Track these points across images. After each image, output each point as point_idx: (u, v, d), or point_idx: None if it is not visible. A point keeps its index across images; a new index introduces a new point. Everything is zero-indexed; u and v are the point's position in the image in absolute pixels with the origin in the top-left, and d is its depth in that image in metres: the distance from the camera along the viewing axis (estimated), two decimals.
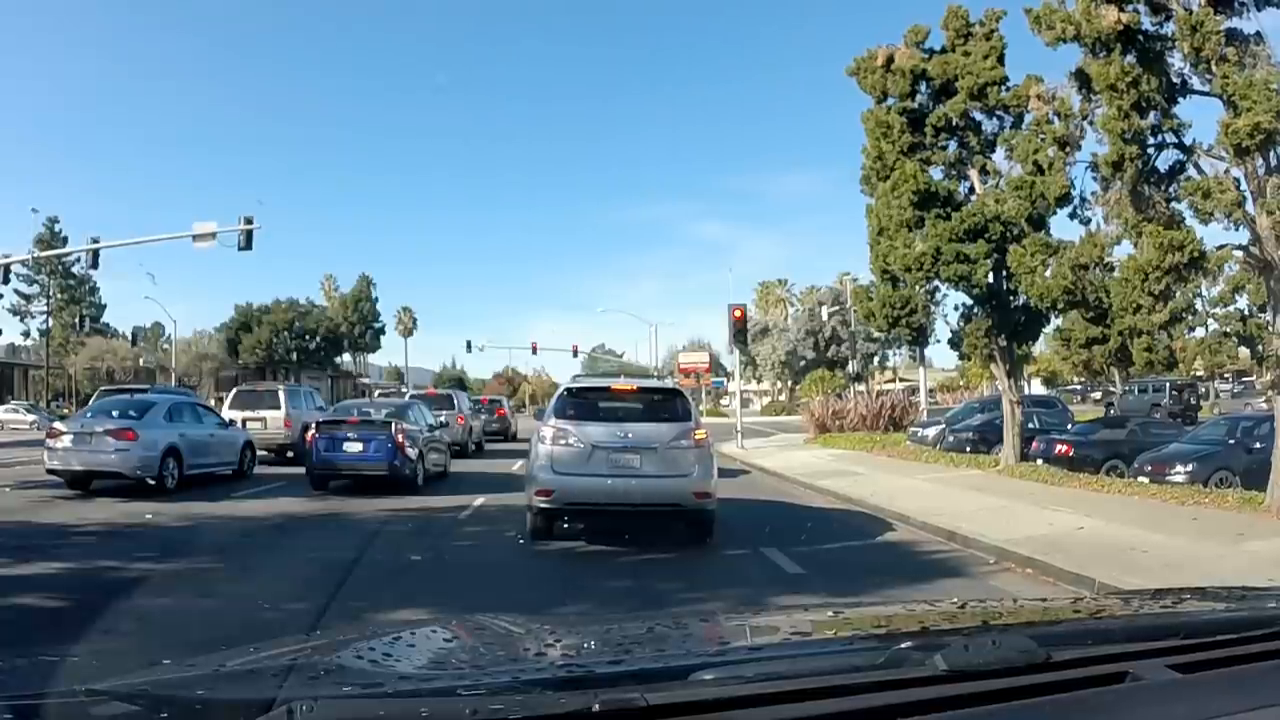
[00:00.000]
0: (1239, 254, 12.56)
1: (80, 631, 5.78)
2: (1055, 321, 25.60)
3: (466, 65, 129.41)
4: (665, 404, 10.30)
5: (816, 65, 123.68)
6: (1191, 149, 12.60)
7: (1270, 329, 15.08)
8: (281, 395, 21.87)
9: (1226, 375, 55.93)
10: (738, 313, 28.09)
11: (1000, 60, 17.31)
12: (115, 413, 15.52)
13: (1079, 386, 61.57)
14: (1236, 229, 12.07)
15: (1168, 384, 37.27)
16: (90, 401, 23.58)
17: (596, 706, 1.24)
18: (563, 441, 9.73)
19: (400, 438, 15.28)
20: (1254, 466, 14.12)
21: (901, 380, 68.19)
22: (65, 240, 52.14)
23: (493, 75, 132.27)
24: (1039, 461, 18.09)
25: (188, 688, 1.40)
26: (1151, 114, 12.48)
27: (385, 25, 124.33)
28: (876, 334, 46.15)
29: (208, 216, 39.81)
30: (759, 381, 79.13)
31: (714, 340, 70.12)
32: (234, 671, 1.53)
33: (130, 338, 63.34)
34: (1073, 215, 15.39)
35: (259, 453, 19.05)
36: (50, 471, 14.58)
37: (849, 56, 19.52)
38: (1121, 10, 12.04)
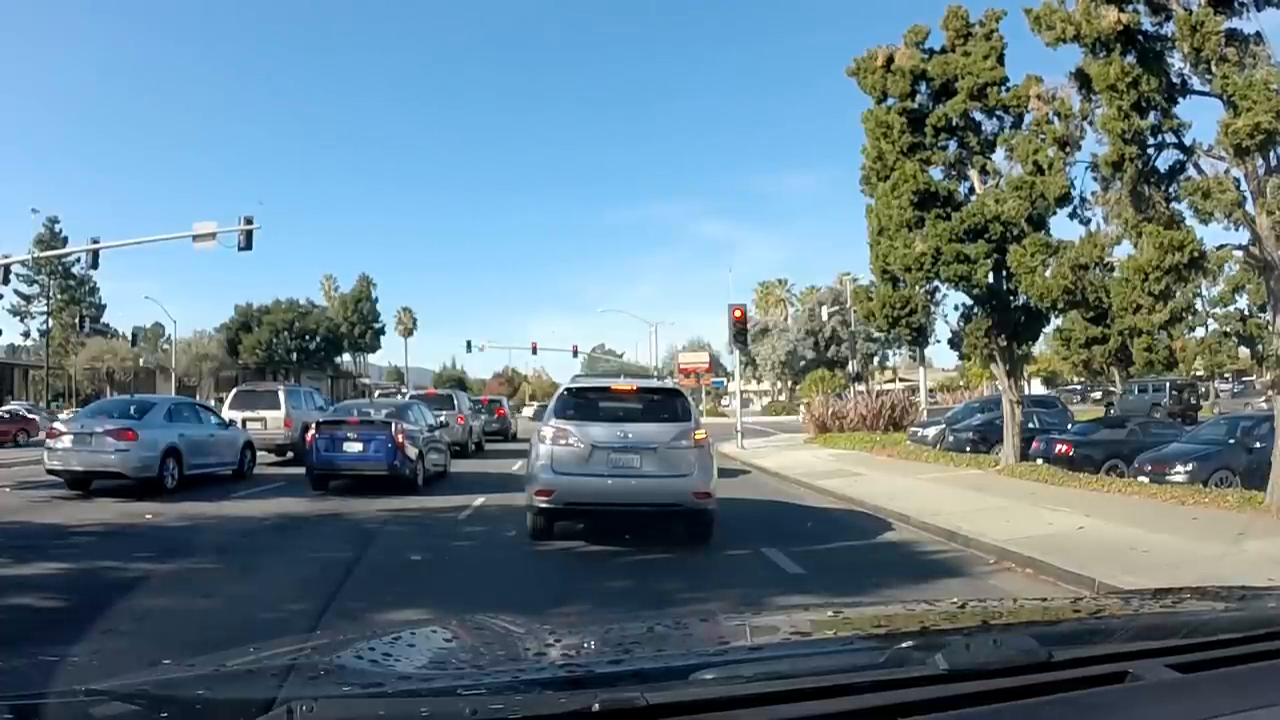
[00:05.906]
0: (1239, 254, 12.55)
1: (80, 631, 5.79)
2: (1055, 321, 25.60)
3: (467, 66, 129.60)
4: (665, 404, 10.29)
5: (817, 65, 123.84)
6: (1191, 149, 12.59)
7: (1270, 329, 15.08)
8: (281, 395, 21.87)
9: (1226, 375, 55.87)
10: (738, 313, 28.09)
11: (1000, 60, 17.31)
12: (115, 413, 15.52)
13: (1079, 386, 61.47)
14: (1236, 229, 12.06)
15: (1168, 384, 37.22)
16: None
17: (596, 706, 1.24)
18: (563, 441, 9.72)
19: (400, 438, 15.27)
20: (1254, 466, 14.11)
21: (901, 380, 68.17)
22: (65, 240, 52.22)
23: (493, 76, 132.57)
24: (1039, 461, 18.08)
25: (188, 688, 1.40)
26: (1151, 114, 12.47)
27: (386, 27, 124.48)
28: (876, 334, 46.15)
29: (208, 216, 39.90)
30: (759, 381, 79.13)
31: (714, 340, 70.32)
32: (234, 671, 1.53)
33: (130, 338, 63.27)
34: (1073, 215, 15.38)
35: (259, 453, 19.07)
36: (50, 472, 14.58)
37: (849, 57, 19.56)
38: (1121, 10, 12.04)
